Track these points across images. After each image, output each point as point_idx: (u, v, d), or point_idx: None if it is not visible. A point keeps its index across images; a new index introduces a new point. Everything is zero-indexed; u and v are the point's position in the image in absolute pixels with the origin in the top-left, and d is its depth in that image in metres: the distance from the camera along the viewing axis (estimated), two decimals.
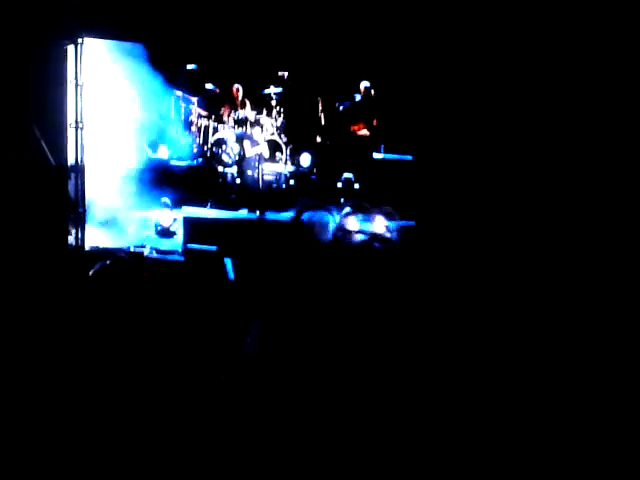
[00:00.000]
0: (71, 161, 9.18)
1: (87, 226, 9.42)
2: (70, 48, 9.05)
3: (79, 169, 9.21)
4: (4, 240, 8.15)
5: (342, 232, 0.97)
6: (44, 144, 8.57)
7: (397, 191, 10.58)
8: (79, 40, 9.07)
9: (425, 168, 10.52)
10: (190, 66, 11.04)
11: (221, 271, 9.89)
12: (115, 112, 10.21)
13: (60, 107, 8.97)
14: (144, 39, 9.88)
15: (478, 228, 8.32)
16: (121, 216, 10.06)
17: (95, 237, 9.70)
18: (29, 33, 8.35)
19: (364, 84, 11.29)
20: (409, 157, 10.98)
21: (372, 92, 11.34)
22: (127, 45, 10.24)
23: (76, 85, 9.12)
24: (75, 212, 9.21)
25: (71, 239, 9.15)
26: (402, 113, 10.73)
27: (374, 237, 0.81)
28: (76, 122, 9.22)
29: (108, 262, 9.20)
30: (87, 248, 9.41)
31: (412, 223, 7.72)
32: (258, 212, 10.85)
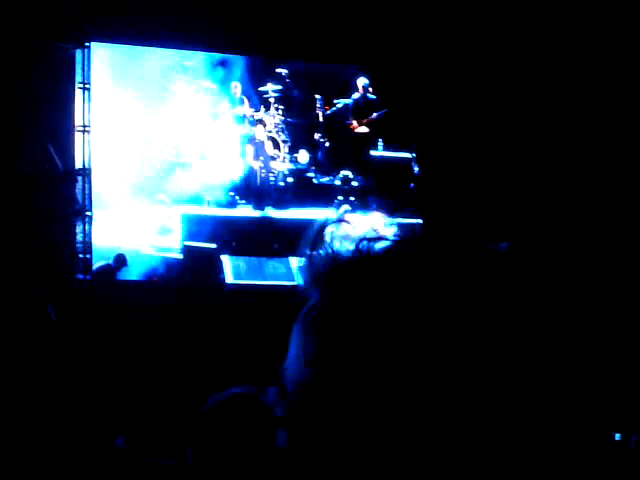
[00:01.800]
0: (78, 165, 9.25)
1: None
2: (78, 52, 9.13)
3: (86, 172, 9.25)
4: (11, 243, 8.13)
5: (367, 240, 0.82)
6: (51, 148, 8.55)
7: (397, 188, 10.68)
8: (86, 44, 9.15)
9: (425, 164, 10.57)
10: (188, 63, 10.95)
11: (219, 270, 9.87)
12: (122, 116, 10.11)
13: (68, 111, 9.01)
14: (151, 43, 9.92)
15: (489, 225, 8.30)
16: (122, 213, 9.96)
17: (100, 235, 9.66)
18: (36, 37, 8.38)
19: (362, 81, 11.28)
20: (408, 154, 11.00)
21: (370, 89, 11.34)
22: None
23: (83, 89, 9.17)
24: (82, 215, 9.24)
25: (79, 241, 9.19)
26: (400, 110, 10.77)
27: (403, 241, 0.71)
28: (83, 126, 9.25)
29: (110, 262, 9.21)
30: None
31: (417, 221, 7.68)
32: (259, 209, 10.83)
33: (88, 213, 9.32)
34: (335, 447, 0.88)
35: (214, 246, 9.92)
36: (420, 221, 10.49)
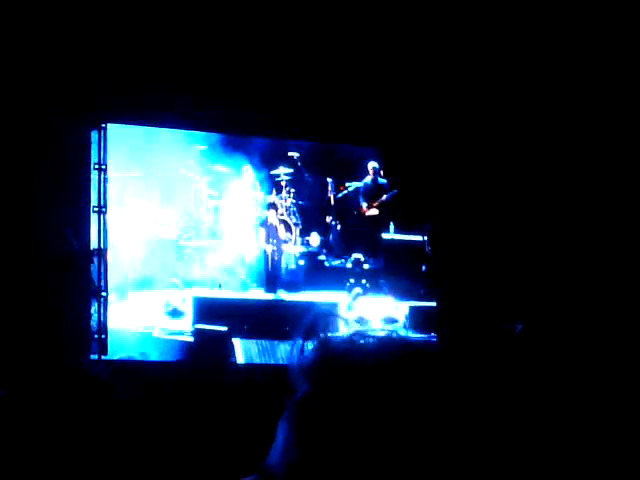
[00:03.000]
0: (94, 245, 9.29)
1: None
2: (94, 133, 9.20)
3: (102, 253, 9.28)
4: (27, 324, 8.07)
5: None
6: (67, 229, 8.59)
7: (409, 270, 10.74)
8: (102, 125, 9.19)
9: (437, 246, 10.56)
10: (200, 146, 11.01)
11: (230, 353, 9.75)
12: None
13: (84, 191, 9.07)
14: (168, 125, 9.99)
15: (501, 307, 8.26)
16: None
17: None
18: (52, 118, 8.40)
19: (372, 165, 11.35)
20: (419, 236, 10.99)
21: (380, 173, 11.39)
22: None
23: (99, 170, 9.21)
24: (98, 296, 9.21)
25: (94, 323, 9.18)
26: (411, 192, 10.86)
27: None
28: (99, 206, 9.28)
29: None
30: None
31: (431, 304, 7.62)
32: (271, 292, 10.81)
33: (103, 294, 9.31)
34: None
35: (225, 329, 9.87)
36: (432, 303, 10.57)
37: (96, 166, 9.24)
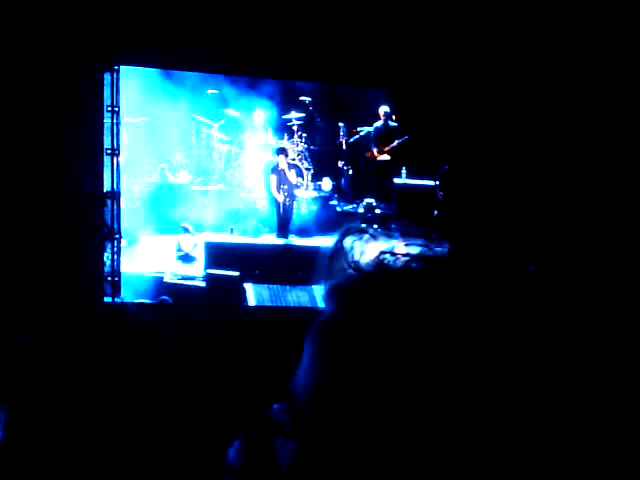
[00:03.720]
0: (107, 187, 9.22)
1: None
2: (107, 75, 9.16)
3: (115, 195, 9.20)
4: (42, 266, 8.11)
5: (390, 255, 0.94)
6: (80, 171, 8.60)
7: (421, 215, 10.60)
8: (115, 67, 9.16)
9: (449, 190, 10.52)
10: (211, 91, 10.97)
11: (242, 298, 9.80)
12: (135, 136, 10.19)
13: (96, 134, 9.00)
14: (179, 67, 9.92)
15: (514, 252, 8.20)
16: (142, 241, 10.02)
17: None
18: (65, 61, 8.40)
19: (383, 109, 11.25)
20: (431, 181, 10.92)
21: (392, 117, 11.31)
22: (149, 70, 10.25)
23: (112, 112, 9.14)
24: (111, 239, 9.18)
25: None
26: (422, 137, 10.66)
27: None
28: (112, 149, 9.19)
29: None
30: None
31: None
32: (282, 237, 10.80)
33: (116, 236, 9.26)
34: (345, 456, 0.88)
35: (237, 274, 9.82)
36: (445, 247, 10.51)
37: (109, 109, 9.20)
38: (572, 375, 0.91)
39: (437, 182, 10.77)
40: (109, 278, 9.16)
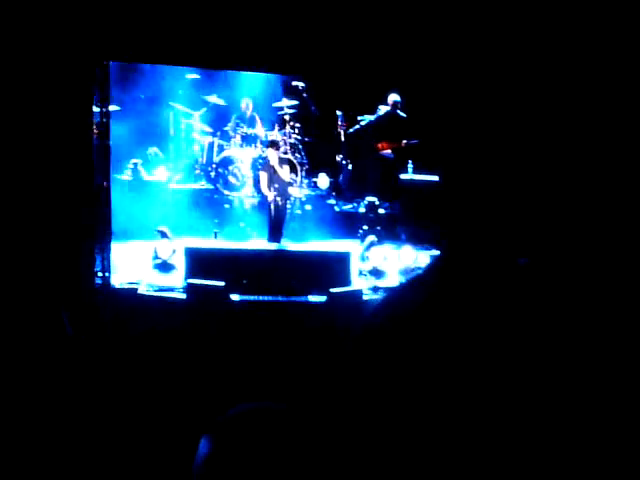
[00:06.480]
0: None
1: None
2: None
3: (106, 189, 9.01)
4: (33, 264, 8.19)
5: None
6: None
7: (429, 215, 10.07)
8: (104, 62, 9.08)
9: (458, 190, 10.05)
10: (191, 75, 10.41)
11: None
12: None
13: (86, 128, 8.89)
14: (168, 61, 9.78)
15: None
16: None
17: None
18: (56, 55, 8.50)
19: (393, 97, 10.52)
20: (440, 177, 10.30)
21: (400, 107, 10.58)
22: None
23: (101, 106, 9.01)
24: (102, 234, 8.97)
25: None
26: (433, 133, 10.07)
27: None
28: (102, 144, 9.00)
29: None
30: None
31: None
32: (274, 242, 10.12)
33: (107, 234, 8.99)
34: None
35: (222, 284, 9.02)
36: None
37: (99, 103, 8.98)
38: (564, 369, 0.99)
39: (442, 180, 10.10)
40: (100, 273, 8.92)
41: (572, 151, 9.60)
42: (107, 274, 9.01)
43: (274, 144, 10.20)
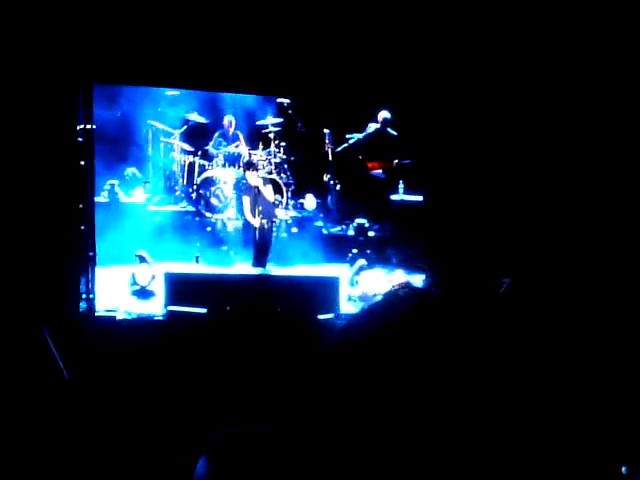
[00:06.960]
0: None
1: None
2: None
3: (90, 210, 8.93)
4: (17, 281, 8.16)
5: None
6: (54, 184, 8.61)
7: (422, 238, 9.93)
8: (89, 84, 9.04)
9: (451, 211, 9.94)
10: (171, 92, 10.24)
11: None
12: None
13: (70, 147, 8.81)
14: (153, 83, 9.65)
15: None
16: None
17: None
18: (41, 76, 8.56)
19: (383, 115, 10.40)
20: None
21: (390, 124, 10.46)
22: None
23: (84, 128, 8.96)
24: (85, 255, 8.88)
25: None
26: (428, 148, 9.89)
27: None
28: (86, 165, 8.89)
29: None
30: None
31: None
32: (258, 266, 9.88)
33: (90, 253, 8.91)
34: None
35: (204, 311, 8.87)
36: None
37: (82, 123, 8.90)
38: (546, 380, 1.08)
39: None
40: (84, 295, 8.83)
41: (558, 174, 9.60)
42: (92, 296, 8.88)
43: (251, 165, 9.98)
